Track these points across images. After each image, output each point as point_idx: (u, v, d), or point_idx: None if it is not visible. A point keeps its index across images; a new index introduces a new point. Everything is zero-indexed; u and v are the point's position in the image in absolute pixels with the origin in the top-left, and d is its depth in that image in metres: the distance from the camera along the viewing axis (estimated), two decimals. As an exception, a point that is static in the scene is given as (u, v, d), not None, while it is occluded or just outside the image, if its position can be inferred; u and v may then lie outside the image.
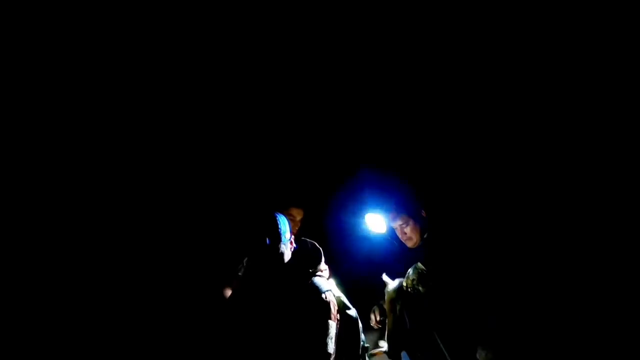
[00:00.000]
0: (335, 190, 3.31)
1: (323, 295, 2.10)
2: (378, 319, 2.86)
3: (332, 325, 2.06)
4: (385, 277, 2.79)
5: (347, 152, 3.44)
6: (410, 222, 2.99)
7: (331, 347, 2.01)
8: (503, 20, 3.10)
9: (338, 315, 2.15)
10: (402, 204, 3.02)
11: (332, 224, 3.19)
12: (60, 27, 3.06)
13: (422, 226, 3.00)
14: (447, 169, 3.34)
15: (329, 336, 2.02)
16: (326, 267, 2.26)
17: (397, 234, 3.03)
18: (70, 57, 3.15)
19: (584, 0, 2.92)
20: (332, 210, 3.25)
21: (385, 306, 2.72)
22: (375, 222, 3.11)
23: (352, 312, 2.26)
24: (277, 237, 2.12)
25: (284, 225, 2.18)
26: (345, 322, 2.18)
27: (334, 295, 2.18)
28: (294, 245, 2.23)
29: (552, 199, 3.14)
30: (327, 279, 2.26)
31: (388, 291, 2.72)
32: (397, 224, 3.02)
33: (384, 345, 2.75)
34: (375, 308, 2.89)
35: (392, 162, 3.38)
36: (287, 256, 2.17)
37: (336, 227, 3.18)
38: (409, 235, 2.99)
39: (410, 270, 2.72)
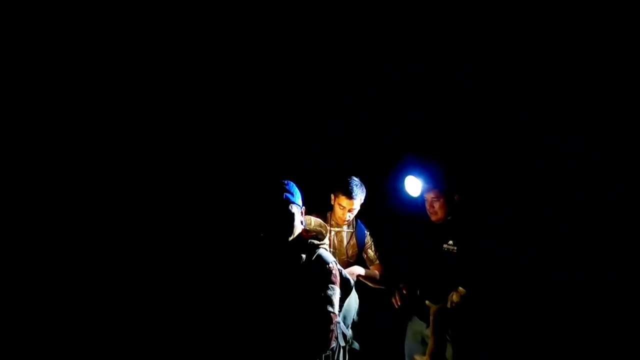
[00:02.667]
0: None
1: (329, 265, 2.32)
2: (399, 302, 3.25)
3: (336, 289, 2.30)
4: (428, 303, 3.10)
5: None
6: (442, 200, 3.22)
7: (336, 308, 2.29)
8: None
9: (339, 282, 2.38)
10: (442, 182, 3.23)
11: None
12: (60, 27, 3.10)
13: (450, 208, 3.24)
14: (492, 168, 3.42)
15: (334, 297, 2.28)
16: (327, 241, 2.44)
17: (426, 205, 3.29)
18: (70, 57, 3.19)
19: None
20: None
21: (430, 329, 3.08)
22: (413, 186, 3.37)
23: (351, 281, 2.54)
24: (290, 195, 2.30)
25: (297, 192, 2.36)
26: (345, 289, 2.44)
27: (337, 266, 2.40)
28: (303, 219, 2.40)
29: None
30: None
31: (433, 312, 3.06)
32: (429, 195, 3.25)
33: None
34: (396, 292, 3.26)
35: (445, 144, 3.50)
36: (297, 221, 2.33)
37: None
38: (436, 210, 3.21)
39: (452, 294, 3.03)
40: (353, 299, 2.63)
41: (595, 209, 3.19)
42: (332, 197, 3.16)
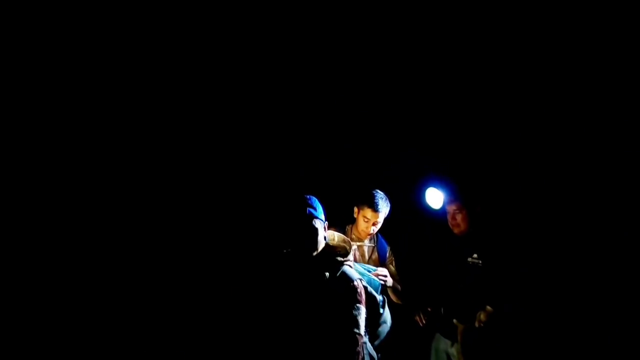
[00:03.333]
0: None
1: (354, 283, 2.24)
2: (424, 320, 3.22)
3: (361, 308, 2.23)
4: (455, 322, 3.05)
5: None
6: (464, 212, 3.16)
7: (362, 328, 2.22)
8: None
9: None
10: (463, 194, 3.18)
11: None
12: (60, 27, 3.10)
13: (473, 219, 3.17)
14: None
15: (360, 317, 2.21)
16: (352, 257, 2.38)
17: (448, 217, 3.23)
18: (70, 57, 3.18)
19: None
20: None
21: (455, 348, 3.05)
22: (434, 198, 3.31)
23: (379, 297, 2.45)
24: (314, 210, 2.24)
25: (320, 207, 2.30)
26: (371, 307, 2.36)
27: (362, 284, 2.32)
28: (327, 234, 2.33)
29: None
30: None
31: (460, 332, 3.03)
32: (451, 208, 3.20)
33: None
34: (420, 310, 3.23)
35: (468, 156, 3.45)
36: (321, 237, 2.26)
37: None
38: (459, 222, 3.16)
39: (480, 313, 2.98)
40: (387, 320, 2.54)
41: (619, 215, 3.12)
42: (356, 210, 3.09)
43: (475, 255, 3.10)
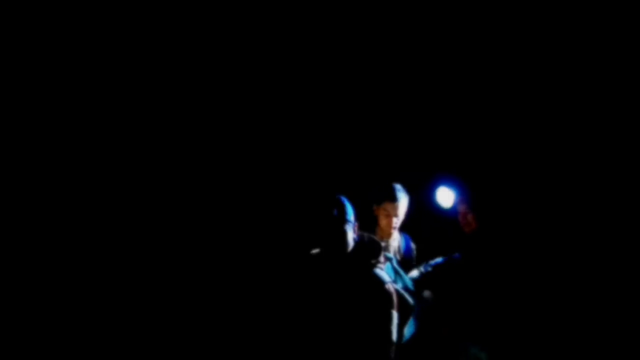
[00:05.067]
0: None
1: (386, 287, 2.20)
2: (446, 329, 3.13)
3: (395, 315, 2.19)
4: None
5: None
6: (474, 212, 3.18)
7: (394, 336, 2.17)
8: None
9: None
10: (474, 194, 3.20)
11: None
12: (60, 27, 3.10)
13: (483, 220, 3.18)
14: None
15: (392, 325, 2.16)
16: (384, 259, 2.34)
17: (460, 216, 3.25)
18: (70, 57, 3.19)
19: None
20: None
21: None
22: (445, 197, 3.33)
23: (410, 300, 2.44)
24: (342, 212, 2.20)
25: (350, 208, 2.26)
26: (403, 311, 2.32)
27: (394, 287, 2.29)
28: (356, 235, 2.28)
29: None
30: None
31: None
32: (462, 208, 3.23)
33: None
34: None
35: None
36: (350, 239, 2.22)
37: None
38: (469, 221, 3.19)
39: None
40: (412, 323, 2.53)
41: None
42: (375, 208, 3.05)
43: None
